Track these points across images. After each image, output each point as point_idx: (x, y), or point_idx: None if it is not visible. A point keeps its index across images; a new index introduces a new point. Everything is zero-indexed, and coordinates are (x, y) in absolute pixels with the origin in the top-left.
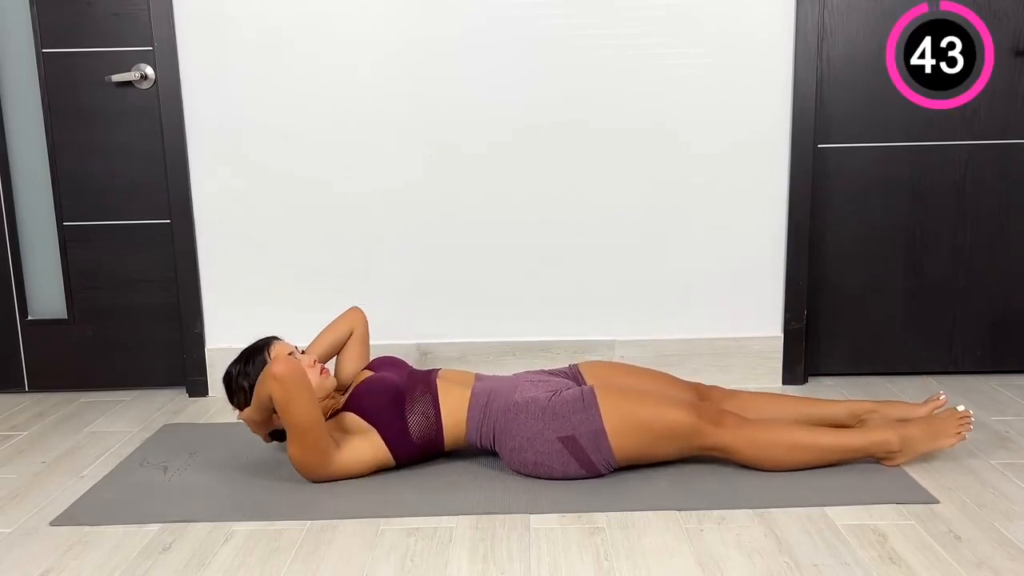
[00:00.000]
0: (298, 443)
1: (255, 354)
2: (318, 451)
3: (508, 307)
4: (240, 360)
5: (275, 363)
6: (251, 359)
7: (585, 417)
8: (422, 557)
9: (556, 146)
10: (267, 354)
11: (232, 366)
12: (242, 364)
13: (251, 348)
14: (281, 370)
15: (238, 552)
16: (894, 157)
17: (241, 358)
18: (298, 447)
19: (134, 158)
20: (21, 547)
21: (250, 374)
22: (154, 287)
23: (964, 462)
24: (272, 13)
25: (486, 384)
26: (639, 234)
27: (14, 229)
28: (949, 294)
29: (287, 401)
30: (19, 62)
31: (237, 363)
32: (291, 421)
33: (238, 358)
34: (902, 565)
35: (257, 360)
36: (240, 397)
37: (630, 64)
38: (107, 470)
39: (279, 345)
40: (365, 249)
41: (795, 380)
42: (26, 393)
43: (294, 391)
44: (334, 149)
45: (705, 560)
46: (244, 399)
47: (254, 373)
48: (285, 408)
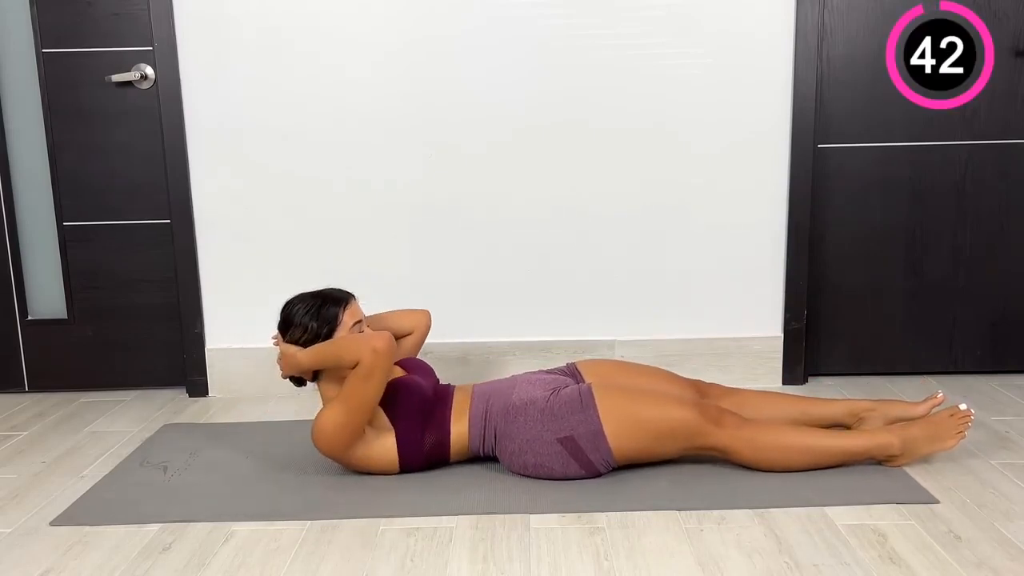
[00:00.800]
0: (344, 416)
1: (331, 304)
2: (355, 430)
3: (508, 307)
4: (313, 301)
5: (379, 338)
6: (325, 306)
7: (583, 418)
8: (422, 557)
9: (556, 146)
10: (342, 311)
11: (301, 302)
12: (315, 306)
13: (328, 295)
14: (384, 345)
15: (238, 552)
16: (894, 157)
17: (315, 300)
18: (341, 420)
19: (134, 158)
20: (21, 547)
21: (318, 318)
22: (154, 287)
23: (964, 462)
24: (272, 13)
25: (483, 390)
26: (639, 234)
27: (14, 229)
28: (949, 294)
29: (369, 376)
30: (19, 62)
31: (309, 302)
32: (359, 392)
33: (311, 297)
34: (902, 565)
35: (330, 312)
36: (296, 334)
37: (630, 64)
38: (107, 470)
39: (354, 307)
40: (365, 249)
41: (795, 380)
42: (26, 393)
43: (380, 370)
44: (334, 149)
45: (705, 560)
46: (298, 337)
47: (320, 322)
48: (363, 380)
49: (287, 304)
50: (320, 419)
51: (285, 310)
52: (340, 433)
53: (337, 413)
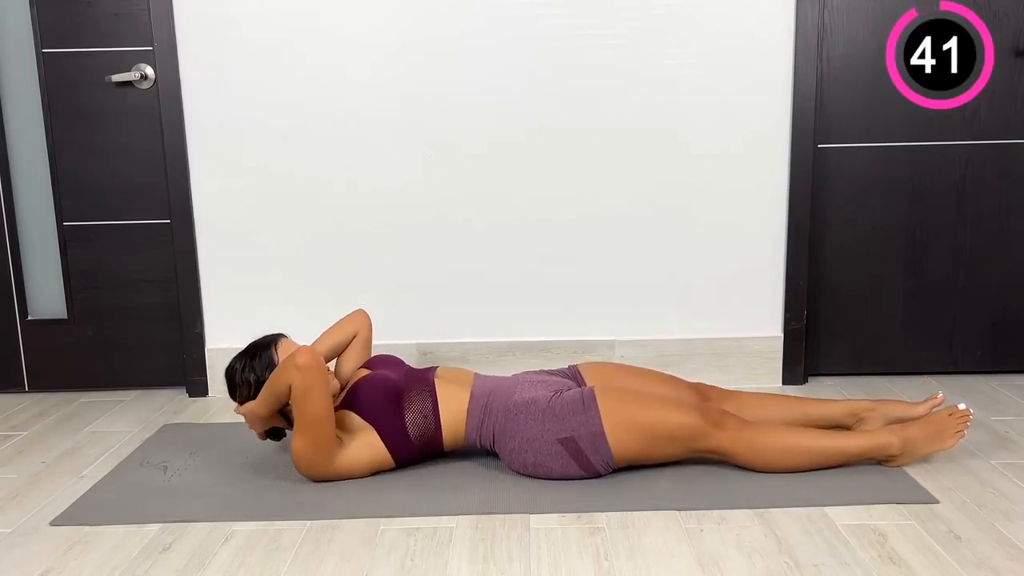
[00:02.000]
0: (307, 437)
1: (262, 350)
2: (325, 446)
3: (508, 307)
4: (246, 355)
5: (299, 353)
6: (258, 354)
7: (584, 419)
8: (422, 557)
9: (556, 146)
10: (274, 350)
11: (236, 361)
12: (248, 359)
13: (257, 344)
14: (305, 360)
15: (238, 552)
16: (894, 157)
17: (247, 353)
18: (307, 441)
19: (134, 158)
20: (21, 547)
21: (256, 369)
22: (154, 287)
23: (964, 462)
24: (272, 13)
25: (486, 384)
26: (639, 234)
27: (14, 229)
28: (949, 294)
29: (306, 391)
30: (19, 62)
31: (242, 358)
32: (306, 412)
33: (243, 353)
34: (902, 565)
35: (264, 356)
36: (244, 392)
37: (630, 64)
38: (107, 470)
39: (286, 342)
40: (365, 249)
41: (795, 380)
42: (26, 393)
43: (315, 382)
44: (334, 149)
45: (705, 560)
46: (248, 394)
47: (260, 369)
48: (303, 398)
49: (225, 372)
50: (292, 452)
51: (226, 377)
52: (314, 454)
53: (301, 439)
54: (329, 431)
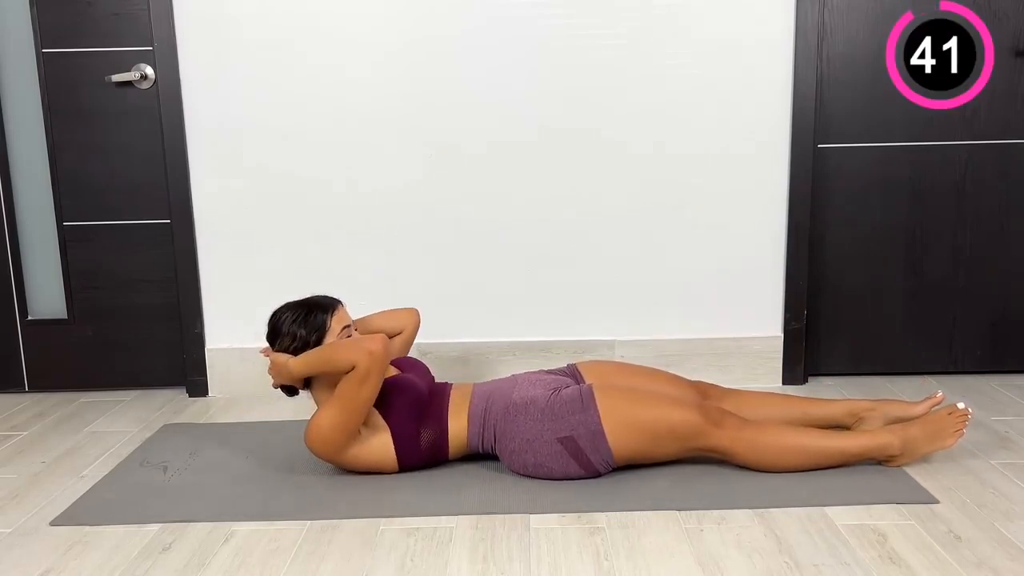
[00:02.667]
0: (340, 419)
1: (318, 311)
2: (349, 433)
3: (508, 307)
4: (300, 309)
5: (373, 340)
6: (313, 314)
7: (583, 418)
8: (422, 557)
9: (556, 146)
10: (329, 316)
11: (289, 311)
12: (303, 313)
13: (314, 303)
14: (378, 348)
15: (238, 552)
16: (894, 157)
17: (302, 308)
18: (336, 422)
19: (134, 158)
20: (21, 547)
21: (306, 326)
22: (154, 287)
23: (964, 462)
24: (272, 13)
25: (484, 389)
26: (639, 234)
27: (14, 229)
28: (949, 294)
29: (364, 378)
30: (19, 62)
31: (296, 311)
32: (354, 396)
33: (298, 306)
34: (902, 565)
35: (318, 318)
36: (284, 343)
37: (630, 64)
38: (107, 470)
39: (341, 312)
40: (365, 249)
41: (795, 380)
42: (26, 393)
43: (376, 372)
44: (334, 149)
45: (705, 560)
46: (288, 346)
47: (309, 329)
48: (360, 382)
49: (274, 314)
50: (315, 421)
51: (272, 320)
52: (335, 435)
53: (333, 414)
54: (360, 421)
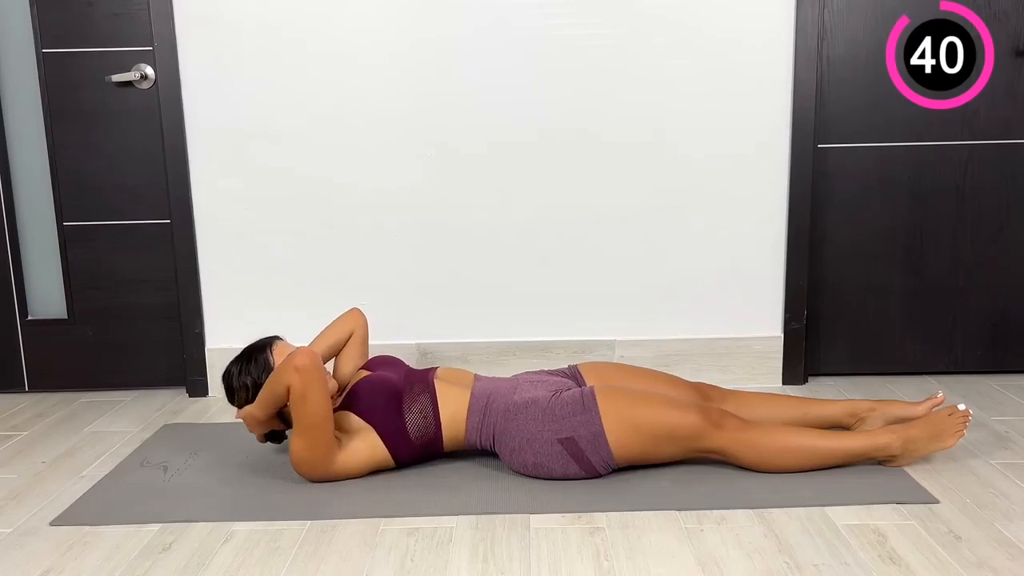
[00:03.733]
0: (306, 438)
1: (257, 353)
2: (324, 448)
3: (508, 307)
4: (242, 359)
5: (297, 354)
6: (253, 358)
7: (585, 419)
8: (422, 557)
9: (557, 147)
10: (269, 353)
11: (232, 365)
12: (244, 363)
13: (253, 347)
14: (304, 361)
15: (238, 552)
16: (894, 157)
17: (243, 357)
18: (306, 443)
19: (134, 158)
20: (21, 547)
21: (252, 372)
22: (154, 287)
23: (964, 462)
24: (272, 13)
25: (486, 385)
26: (639, 234)
27: (14, 229)
28: (949, 294)
29: (305, 392)
30: (19, 62)
31: (238, 362)
32: (305, 414)
33: (239, 357)
34: (902, 565)
35: (260, 359)
36: (242, 396)
37: (631, 64)
38: (107, 470)
39: (281, 345)
40: (365, 249)
41: (795, 380)
42: (26, 393)
43: (313, 383)
44: (334, 149)
45: (705, 560)
46: (245, 398)
47: (256, 372)
48: (302, 399)
49: (222, 377)
50: (291, 454)
51: (223, 382)
52: (313, 455)
53: (300, 441)
54: (328, 433)
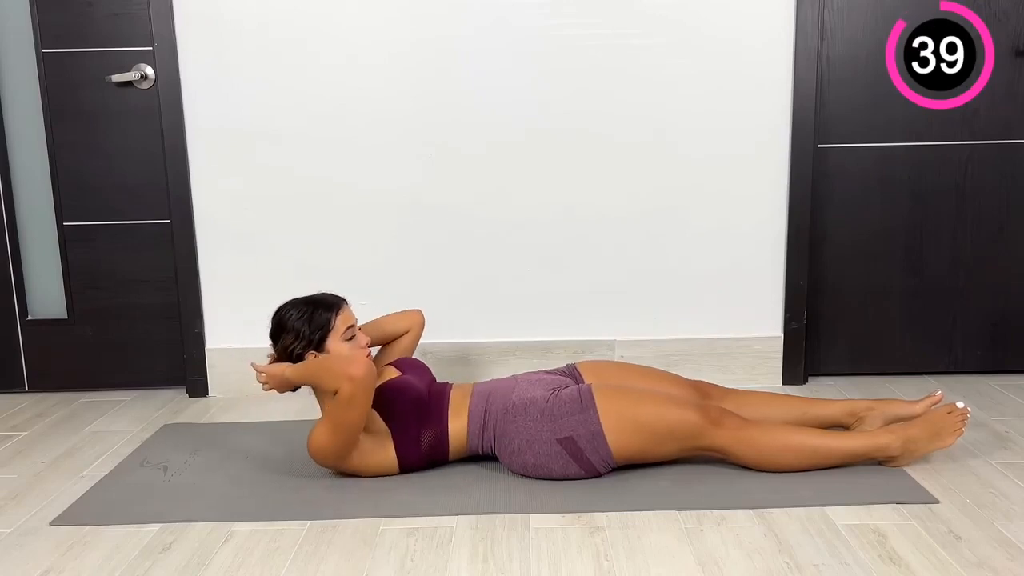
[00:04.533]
0: (334, 436)
1: (321, 310)
2: (348, 448)
3: (508, 307)
4: (305, 307)
5: (357, 365)
6: (318, 310)
7: (583, 418)
8: (422, 557)
9: (557, 147)
10: (334, 316)
11: (294, 307)
12: (307, 311)
13: (321, 300)
14: (361, 374)
15: (238, 552)
16: (894, 157)
17: (306, 306)
18: (331, 439)
19: (134, 158)
20: (21, 547)
21: (310, 324)
22: (154, 287)
23: (964, 462)
24: (272, 13)
25: (484, 388)
26: (639, 234)
27: (14, 229)
28: (949, 294)
29: (350, 402)
30: (19, 62)
31: (301, 308)
32: (344, 419)
33: (303, 303)
34: (902, 565)
35: (322, 316)
36: (287, 340)
37: (631, 64)
38: (107, 470)
39: (346, 312)
40: (365, 249)
41: (795, 380)
42: (26, 393)
43: (362, 395)
44: (334, 149)
45: (705, 560)
46: (290, 342)
47: (313, 327)
48: (346, 406)
49: (279, 310)
50: (312, 437)
51: (276, 316)
52: (331, 450)
53: (326, 433)
54: (355, 437)
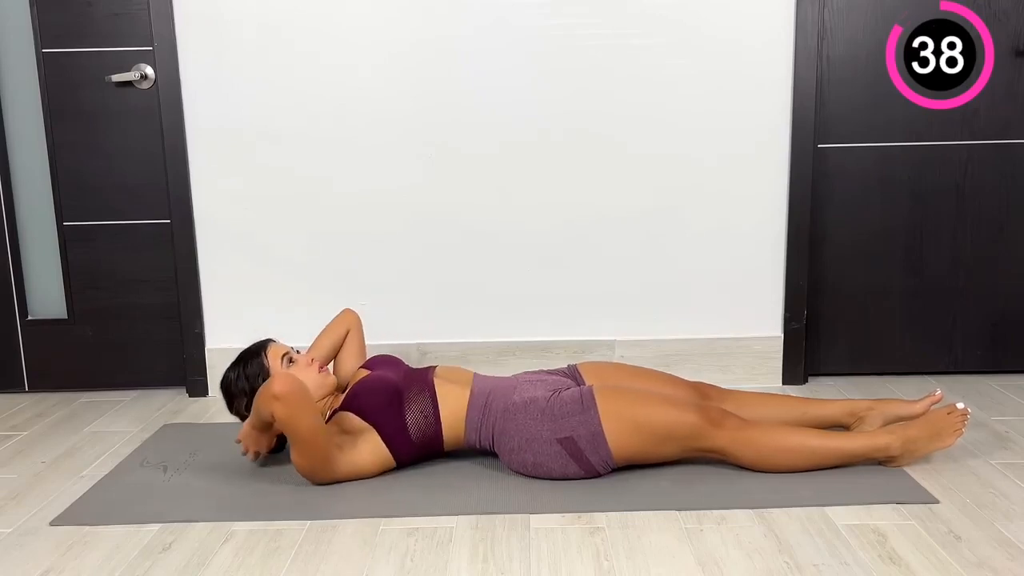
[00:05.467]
0: (303, 453)
1: (251, 357)
2: (322, 458)
3: (508, 307)
4: (237, 364)
5: (274, 382)
6: (247, 362)
7: (583, 419)
8: (422, 557)
9: (557, 147)
10: (264, 357)
11: (229, 371)
12: (240, 368)
13: (247, 352)
14: (281, 388)
15: (238, 552)
16: (894, 157)
17: (238, 362)
18: (304, 457)
19: (134, 158)
20: (21, 547)
21: (248, 377)
22: (154, 287)
23: (964, 462)
24: (272, 13)
25: (485, 384)
26: (640, 234)
27: (14, 229)
28: (949, 294)
29: (289, 417)
30: (19, 62)
31: (234, 367)
32: (295, 434)
33: (234, 362)
34: (902, 565)
35: (254, 363)
36: (241, 402)
37: (631, 64)
38: (107, 470)
39: (274, 347)
40: (365, 249)
41: (795, 380)
42: (26, 393)
43: (296, 407)
44: (334, 149)
45: (705, 560)
46: (245, 404)
47: (253, 376)
48: (289, 425)
49: (220, 385)
50: (294, 462)
51: (222, 390)
52: (313, 466)
53: (299, 455)
54: (322, 445)
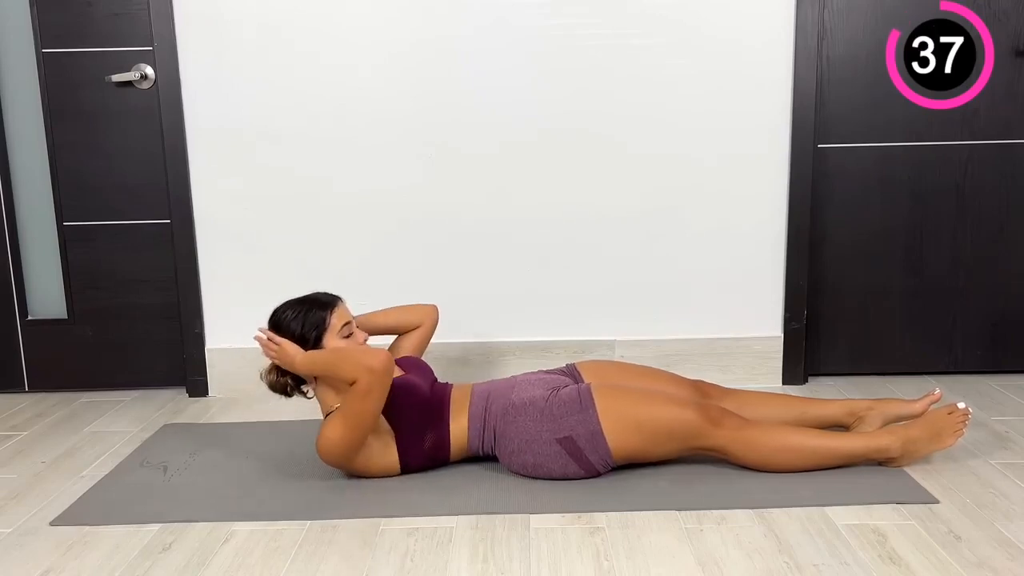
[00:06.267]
0: (346, 431)
1: (316, 309)
2: (358, 444)
3: (508, 307)
4: (300, 306)
5: (376, 357)
6: (311, 311)
7: (582, 418)
8: (422, 557)
9: (557, 147)
10: (329, 315)
11: (289, 308)
12: (302, 311)
13: (315, 299)
14: (380, 366)
15: (238, 552)
16: (894, 157)
17: (300, 306)
18: (343, 434)
19: (134, 158)
20: (21, 547)
21: (304, 324)
22: (154, 287)
23: (964, 462)
24: (272, 13)
25: (483, 389)
26: (639, 234)
27: (14, 229)
28: (949, 294)
29: (367, 394)
30: (19, 62)
31: (296, 308)
32: (359, 410)
33: (298, 303)
34: (902, 565)
35: (316, 316)
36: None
37: (631, 64)
38: (107, 470)
39: (341, 310)
40: (365, 249)
41: (795, 380)
42: (26, 393)
43: (377, 387)
44: (334, 149)
45: (705, 560)
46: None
47: (308, 326)
48: (361, 398)
49: (275, 311)
50: (323, 434)
51: (273, 317)
52: (343, 447)
53: (340, 428)
54: (367, 432)
